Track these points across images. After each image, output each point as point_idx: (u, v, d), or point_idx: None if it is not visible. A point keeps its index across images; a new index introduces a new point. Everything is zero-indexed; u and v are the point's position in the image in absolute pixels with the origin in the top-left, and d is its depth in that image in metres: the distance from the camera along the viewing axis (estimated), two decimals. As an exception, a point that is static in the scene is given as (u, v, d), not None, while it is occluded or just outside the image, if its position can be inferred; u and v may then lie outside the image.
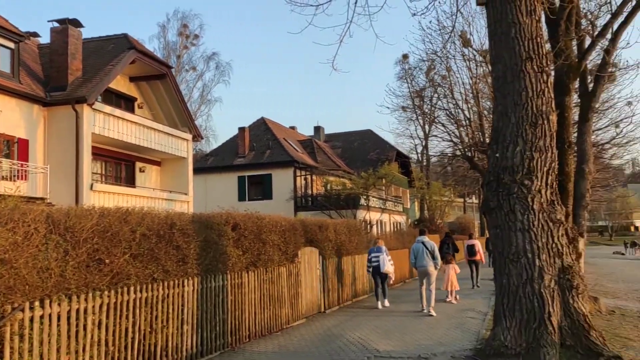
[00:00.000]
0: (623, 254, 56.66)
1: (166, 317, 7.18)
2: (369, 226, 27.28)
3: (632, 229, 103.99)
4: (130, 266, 6.68)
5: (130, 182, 20.68)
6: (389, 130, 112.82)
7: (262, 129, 35.39)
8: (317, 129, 45.28)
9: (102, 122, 17.59)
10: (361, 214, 28.89)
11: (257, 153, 33.25)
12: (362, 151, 41.16)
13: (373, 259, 13.13)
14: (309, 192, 31.88)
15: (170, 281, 7.28)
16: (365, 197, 30.07)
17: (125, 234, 6.65)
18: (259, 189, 32.01)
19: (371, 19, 9.72)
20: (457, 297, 14.38)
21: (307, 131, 45.29)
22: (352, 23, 9.50)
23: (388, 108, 48.87)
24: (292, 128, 42.27)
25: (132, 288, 6.59)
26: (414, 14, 11.24)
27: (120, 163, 20.60)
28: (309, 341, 9.15)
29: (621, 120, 25.62)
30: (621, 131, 26.26)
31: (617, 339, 10.19)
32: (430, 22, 40.82)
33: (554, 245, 7.52)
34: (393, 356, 7.92)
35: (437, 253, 12.63)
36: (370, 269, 13.31)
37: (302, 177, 32.04)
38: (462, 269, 18.16)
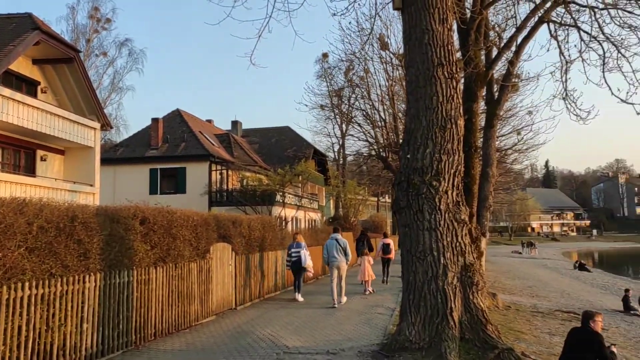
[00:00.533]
0: (520, 253, 60.78)
1: (64, 315, 6.78)
2: (284, 223, 27.31)
3: (529, 230, 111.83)
4: (25, 260, 6.24)
5: (30, 171, 19.32)
6: (307, 128, 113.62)
7: (177, 121, 34.36)
8: (235, 124, 44.67)
9: (0, 106, 16.30)
10: (277, 210, 28.87)
11: (171, 145, 32.23)
12: (279, 148, 41.12)
13: (293, 254, 13.53)
14: (224, 187, 31.39)
15: (69, 277, 6.87)
16: (281, 193, 30.07)
17: (20, 226, 6.20)
18: (172, 182, 31.06)
19: (291, 16, 9.71)
20: (373, 289, 15.27)
21: (224, 125, 44.58)
22: (271, 18, 9.42)
23: (306, 106, 49.23)
24: (209, 121, 41.40)
25: (27, 284, 6.16)
26: (334, 14, 11.40)
27: (20, 150, 19.18)
28: (217, 338, 9.00)
29: (522, 128, 27.48)
30: (522, 138, 28.16)
31: (511, 332, 10.89)
32: (350, 23, 41.53)
33: (457, 244, 7.88)
34: (302, 352, 7.96)
35: (348, 250, 13.32)
36: (290, 264, 13.65)
37: (218, 171, 31.48)
38: (376, 266, 18.78)
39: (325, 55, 31.36)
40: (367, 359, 7.54)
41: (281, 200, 29.96)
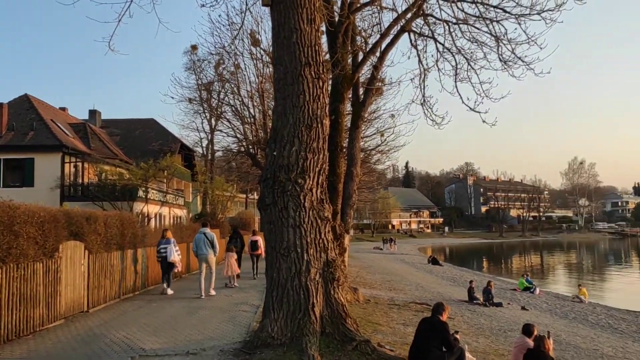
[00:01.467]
0: (381, 249, 64.23)
1: None
2: (146, 220, 26.06)
3: (390, 227, 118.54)
4: None
5: None
6: (173, 122, 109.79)
7: (24, 107, 31.17)
8: (93, 113, 41.56)
9: None
10: (139, 206, 27.46)
11: (17, 134, 29.18)
12: (143, 140, 39.14)
13: (162, 250, 14.08)
14: (80, 181, 29.16)
15: None
16: (144, 189, 28.66)
17: None
18: (18, 174, 28.15)
19: (154, 2, 9.22)
20: (236, 284, 15.97)
21: (81, 114, 41.32)
22: (132, 3, 8.88)
23: (173, 98, 47.37)
24: (63, 109, 38.12)
25: None
26: (203, 5, 11.00)
27: None
28: (65, 344, 8.30)
29: (385, 130, 28.98)
30: (385, 140, 29.71)
31: (369, 324, 11.41)
32: (219, 15, 40.55)
33: (320, 240, 8.05)
34: (160, 354, 7.63)
35: (216, 243, 14.28)
36: (160, 259, 14.24)
37: (72, 164, 29.15)
38: (246, 262, 18.84)
39: (194, 48, 30.38)
40: (229, 358, 7.43)
41: (144, 196, 28.55)
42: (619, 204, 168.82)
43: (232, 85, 28.91)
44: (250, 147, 29.57)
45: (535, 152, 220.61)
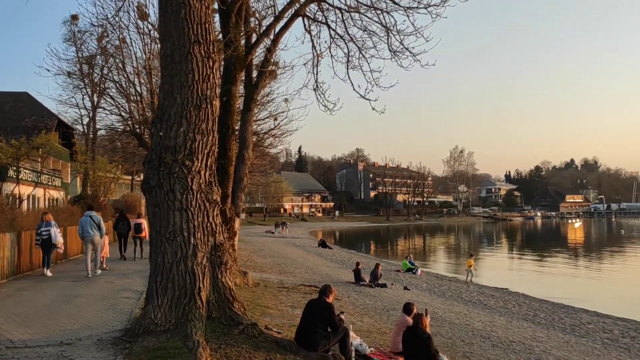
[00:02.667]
0: (273, 232, 64.54)
1: None
2: (18, 201, 23.97)
3: (282, 210, 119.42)
4: None
5: None
6: (49, 96, 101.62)
7: None
8: (-44, 84, 37.34)
9: None
10: (8, 187, 25.17)
11: None
12: (14, 116, 35.72)
13: (43, 233, 14.12)
14: None
15: None
16: (15, 168, 26.30)
17: None
18: None
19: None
20: (107, 266, 15.97)
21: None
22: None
23: (49, 71, 43.70)
24: None
25: None
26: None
27: None
28: None
29: (278, 114, 28.96)
30: (278, 124, 29.70)
31: (258, 307, 11.43)
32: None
33: (208, 224, 7.87)
34: (30, 345, 7.07)
35: (102, 225, 14.83)
36: (39, 242, 14.20)
37: None
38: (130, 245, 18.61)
39: (74, 18, 28.20)
40: (107, 347, 7.06)
41: (15, 176, 26.21)
42: (493, 190, 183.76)
43: (117, 61, 27.24)
44: (137, 126, 28.15)
45: (421, 141, 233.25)
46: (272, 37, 16.19)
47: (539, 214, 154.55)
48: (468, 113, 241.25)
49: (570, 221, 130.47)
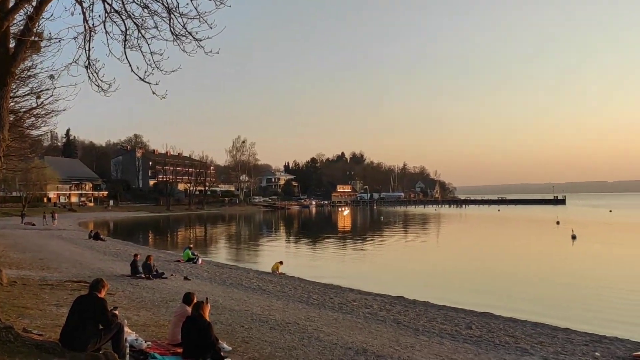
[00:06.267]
0: (34, 224, 57.43)
1: None
2: None
3: (46, 200, 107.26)
4: None
5: None
6: None
7: None
8: None
9: None
10: None
11: None
12: None
13: None
14: None
15: None
16: None
17: None
18: None
19: None
20: None
21: None
22: None
23: None
24: None
25: None
26: None
27: None
28: None
29: (42, 91, 25.71)
30: (41, 102, 26.37)
31: (14, 309, 10.08)
32: None
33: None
34: None
35: None
36: None
37: None
38: None
39: None
40: None
41: None
42: (273, 180, 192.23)
43: None
44: None
45: (204, 130, 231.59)
46: (35, 3, 14.27)
47: (313, 202, 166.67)
48: (252, 104, 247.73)
49: (340, 209, 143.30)
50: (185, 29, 13.27)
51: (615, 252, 36.42)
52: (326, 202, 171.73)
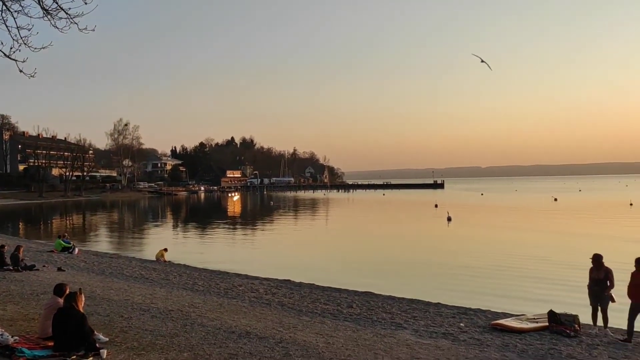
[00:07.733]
0: None
1: None
2: None
3: None
4: None
5: None
6: None
7: None
8: None
9: None
10: None
11: None
12: None
13: None
14: None
15: None
16: None
17: None
18: None
19: None
20: None
21: None
22: None
23: None
24: None
25: None
26: None
27: None
28: None
29: None
30: None
31: None
32: None
33: None
34: None
35: None
36: None
37: None
38: None
39: None
40: None
41: None
42: (159, 165, 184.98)
43: None
44: None
45: (80, 110, 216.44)
46: None
47: (202, 188, 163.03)
48: (138, 87, 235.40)
49: (229, 195, 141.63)
50: (57, 3, 12.39)
51: (483, 234, 39.74)
52: (215, 187, 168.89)
